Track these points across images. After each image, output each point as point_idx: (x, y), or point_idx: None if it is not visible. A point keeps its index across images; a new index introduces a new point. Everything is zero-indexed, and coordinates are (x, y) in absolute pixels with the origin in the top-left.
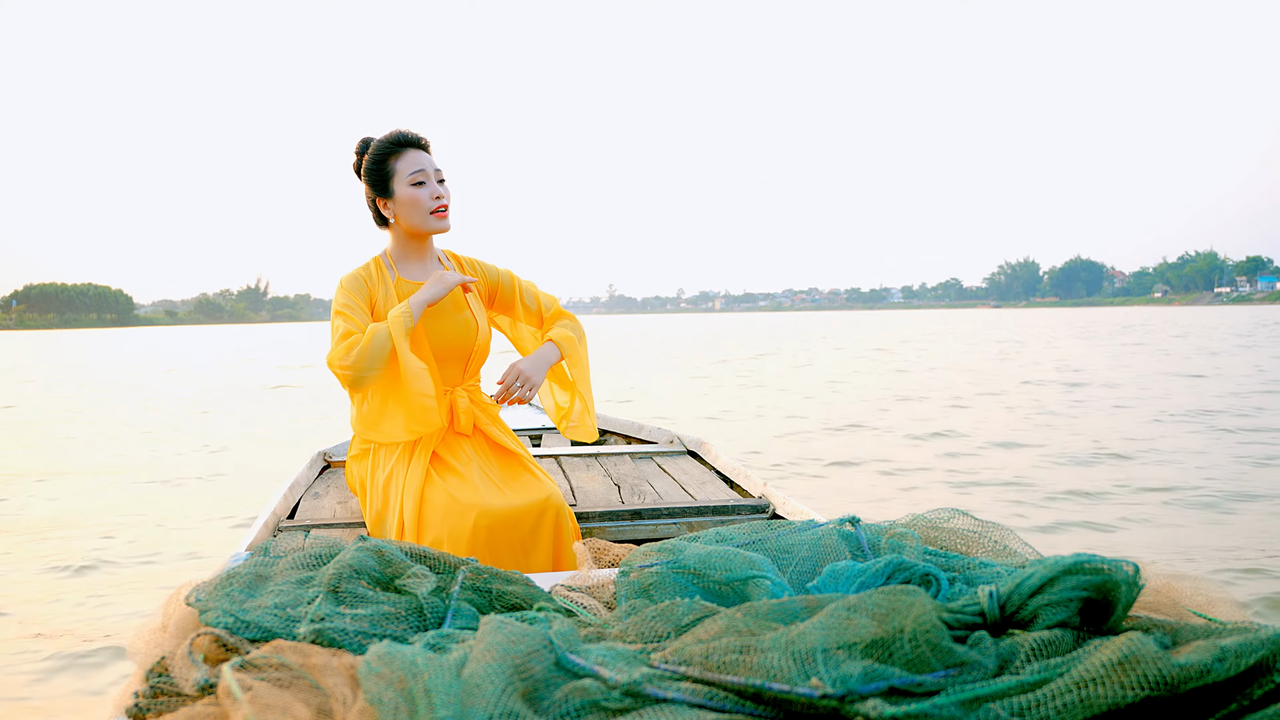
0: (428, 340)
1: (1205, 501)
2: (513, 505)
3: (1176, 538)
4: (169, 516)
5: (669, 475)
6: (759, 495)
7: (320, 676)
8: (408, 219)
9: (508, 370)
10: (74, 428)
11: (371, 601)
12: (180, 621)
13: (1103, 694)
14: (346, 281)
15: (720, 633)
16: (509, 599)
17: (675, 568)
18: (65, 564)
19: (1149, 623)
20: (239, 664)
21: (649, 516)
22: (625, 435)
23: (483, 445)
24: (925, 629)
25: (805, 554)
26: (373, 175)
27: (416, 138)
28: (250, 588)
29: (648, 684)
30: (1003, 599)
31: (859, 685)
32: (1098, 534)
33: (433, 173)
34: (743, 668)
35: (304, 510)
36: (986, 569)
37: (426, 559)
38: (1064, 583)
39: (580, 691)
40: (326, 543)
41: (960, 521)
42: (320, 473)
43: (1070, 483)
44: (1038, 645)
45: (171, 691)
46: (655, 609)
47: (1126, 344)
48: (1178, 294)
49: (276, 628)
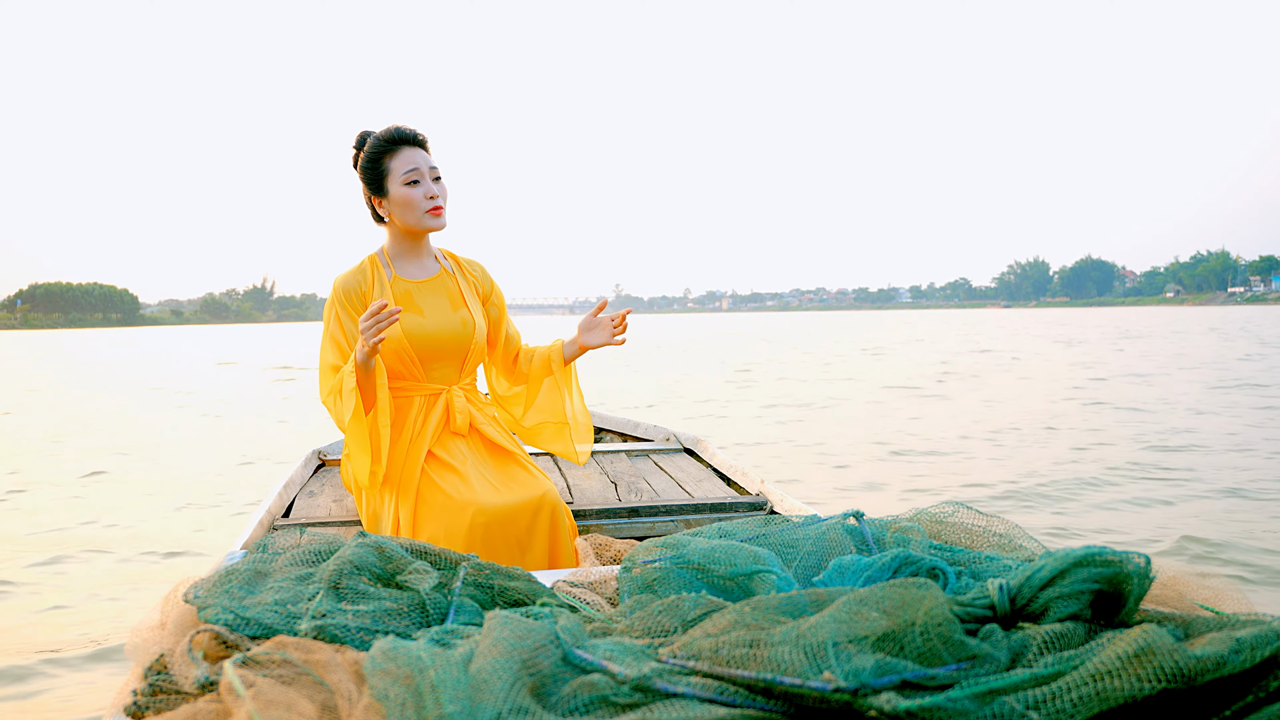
0: (419, 340)
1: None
2: (509, 503)
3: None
4: (163, 514)
5: (666, 473)
6: (756, 492)
7: (324, 673)
8: (402, 218)
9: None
10: (73, 428)
11: (373, 598)
12: (179, 619)
13: (1119, 686)
14: (339, 289)
15: (729, 627)
16: (511, 595)
17: (679, 562)
18: (64, 564)
19: (1159, 616)
20: (241, 660)
21: (646, 514)
22: (621, 433)
23: (478, 444)
24: (937, 622)
25: (810, 549)
26: (368, 173)
27: (413, 134)
28: (249, 585)
29: (657, 679)
30: (1013, 592)
31: (871, 679)
32: (1104, 531)
33: (427, 171)
34: (753, 662)
35: (299, 508)
36: (993, 563)
37: (427, 555)
38: (1075, 575)
39: (589, 687)
40: (326, 539)
41: (964, 515)
42: (315, 471)
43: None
44: (1050, 638)
45: (171, 689)
46: (661, 604)
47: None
48: (1190, 294)
49: (277, 624)
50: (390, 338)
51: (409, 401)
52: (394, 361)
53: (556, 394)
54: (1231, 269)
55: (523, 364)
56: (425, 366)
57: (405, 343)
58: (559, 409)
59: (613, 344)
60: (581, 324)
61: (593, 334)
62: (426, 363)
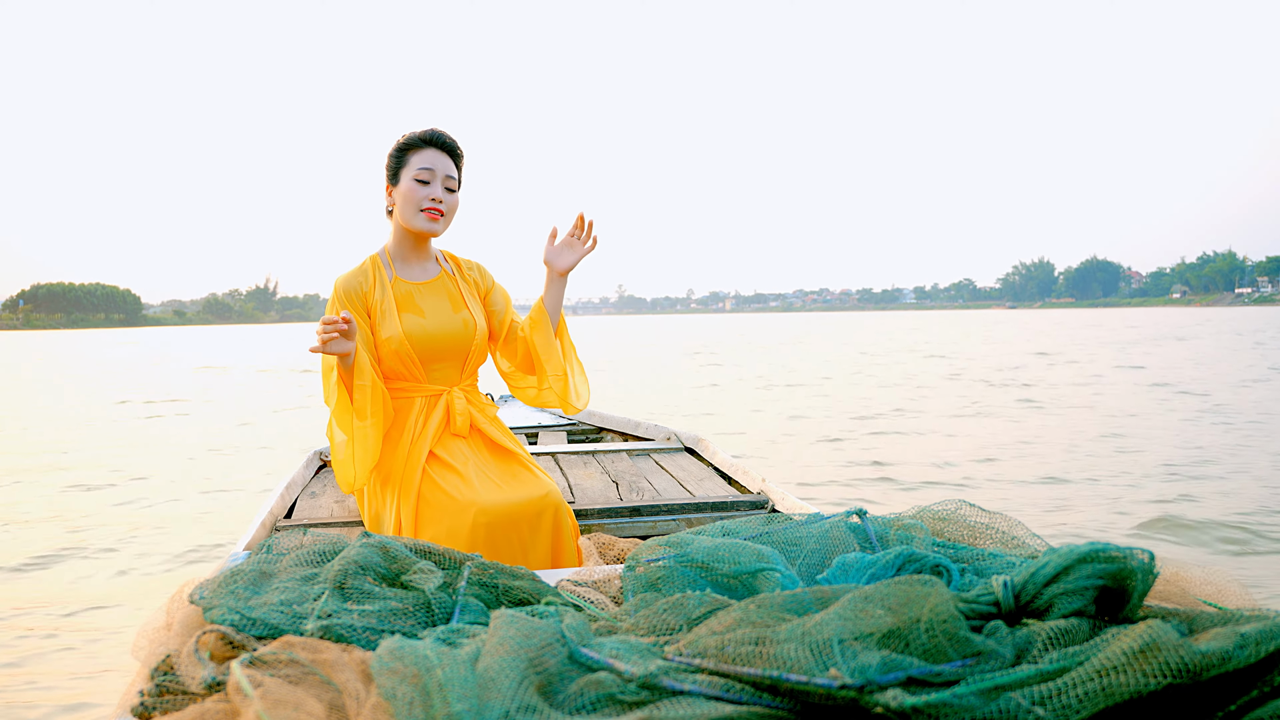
0: (420, 341)
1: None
2: (511, 503)
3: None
4: (165, 516)
5: (667, 472)
6: (757, 491)
7: (332, 672)
8: (401, 211)
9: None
10: (72, 427)
11: (378, 597)
12: (185, 620)
13: (1124, 682)
14: (341, 290)
15: (734, 625)
16: (516, 594)
17: (683, 561)
18: (62, 563)
19: (1163, 611)
20: (248, 660)
21: (648, 513)
22: (622, 433)
23: (480, 444)
24: (942, 619)
25: (813, 546)
26: (392, 161)
27: (446, 140)
28: (255, 585)
29: (663, 676)
30: (1017, 588)
31: (877, 675)
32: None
33: (442, 177)
34: (759, 659)
35: (301, 509)
36: (996, 559)
37: (431, 555)
38: (1079, 571)
39: (596, 685)
40: (330, 540)
41: (967, 513)
42: (317, 472)
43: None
44: (1054, 634)
45: (177, 690)
46: (666, 602)
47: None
48: (1197, 295)
49: (283, 624)
50: (391, 338)
51: (410, 402)
52: (394, 362)
53: (548, 340)
54: (1239, 270)
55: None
56: (426, 367)
57: (406, 344)
58: (555, 354)
59: (587, 254)
60: (546, 255)
61: (562, 257)
62: (427, 364)
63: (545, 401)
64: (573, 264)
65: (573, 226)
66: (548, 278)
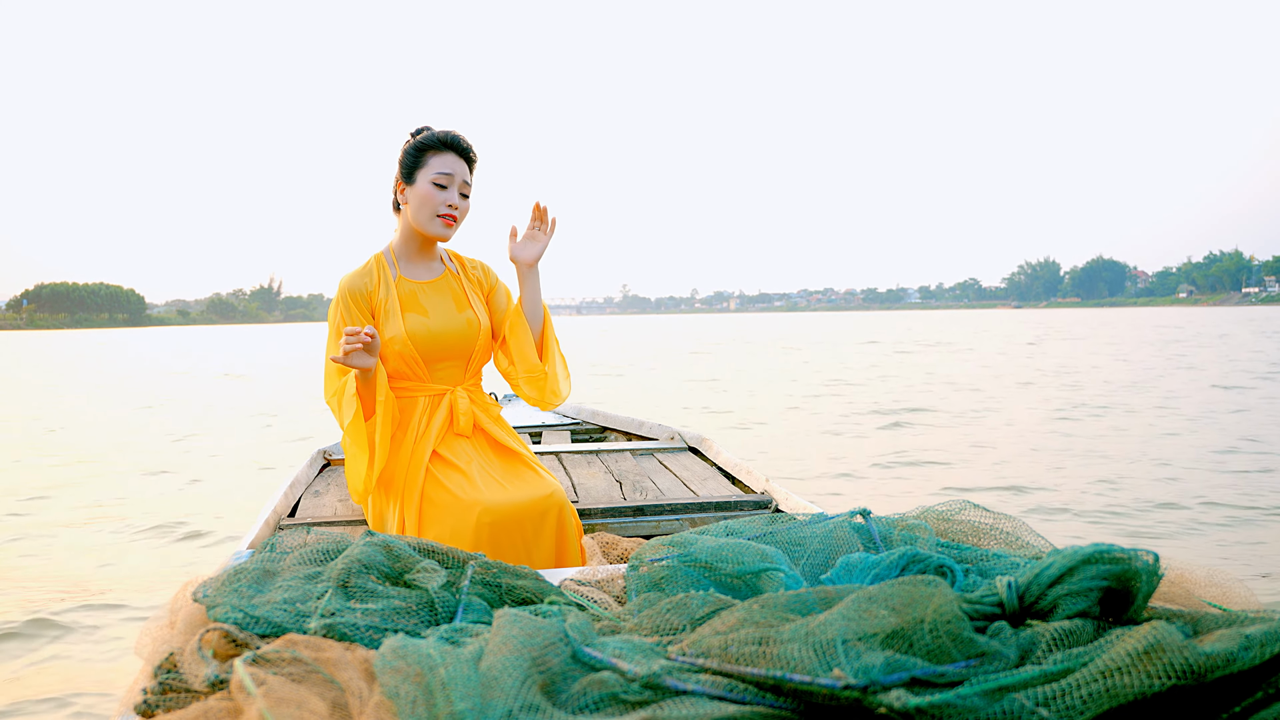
0: (423, 340)
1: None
2: (515, 502)
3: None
4: (169, 514)
5: (670, 472)
6: (761, 491)
7: (335, 670)
8: (415, 213)
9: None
10: (70, 428)
11: (382, 596)
12: (188, 618)
13: (1128, 683)
14: (345, 290)
15: (738, 625)
16: (519, 593)
17: (686, 561)
18: (63, 563)
19: (1167, 613)
20: (251, 658)
21: (651, 513)
22: (626, 432)
23: (483, 444)
24: (946, 620)
25: (817, 546)
26: (407, 159)
27: (465, 146)
28: (258, 583)
29: (667, 676)
30: (1021, 589)
31: (881, 676)
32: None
33: (459, 182)
34: (762, 659)
35: (305, 508)
36: (1000, 560)
37: (435, 554)
38: (1083, 572)
39: (599, 684)
40: (333, 538)
41: (971, 514)
42: (320, 471)
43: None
44: (1058, 635)
45: (180, 688)
46: (670, 602)
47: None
48: (1203, 294)
49: (287, 623)
50: (395, 338)
51: (413, 402)
52: (398, 362)
53: (523, 330)
54: (1245, 269)
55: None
56: (429, 367)
57: (409, 343)
58: (528, 355)
59: (550, 240)
60: (512, 252)
61: (526, 250)
62: (431, 363)
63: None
64: (539, 254)
65: (531, 218)
66: (519, 274)
